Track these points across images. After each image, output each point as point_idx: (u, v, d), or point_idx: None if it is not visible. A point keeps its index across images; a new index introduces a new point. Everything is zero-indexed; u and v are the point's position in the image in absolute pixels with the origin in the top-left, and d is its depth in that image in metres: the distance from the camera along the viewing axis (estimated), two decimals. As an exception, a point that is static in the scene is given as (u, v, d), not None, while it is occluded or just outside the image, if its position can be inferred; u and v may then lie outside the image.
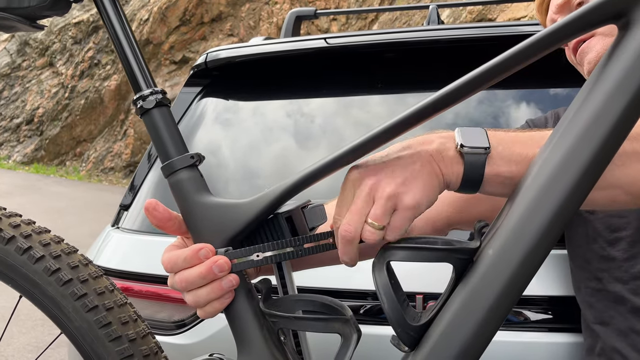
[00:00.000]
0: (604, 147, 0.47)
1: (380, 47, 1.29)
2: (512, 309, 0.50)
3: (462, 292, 0.50)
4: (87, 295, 0.61)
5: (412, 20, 6.66)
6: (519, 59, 0.50)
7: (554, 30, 0.49)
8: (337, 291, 1.00)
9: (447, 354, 0.49)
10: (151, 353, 0.63)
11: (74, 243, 0.68)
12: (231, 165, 1.34)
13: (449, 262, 0.52)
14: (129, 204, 1.29)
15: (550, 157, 0.49)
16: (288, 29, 1.96)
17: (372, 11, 2.52)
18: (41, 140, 10.91)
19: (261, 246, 0.57)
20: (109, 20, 0.63)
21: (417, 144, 0.55)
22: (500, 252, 0.49)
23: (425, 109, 0.52)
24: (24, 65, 11.61)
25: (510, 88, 1.25)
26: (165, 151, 0.61)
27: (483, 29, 1.25)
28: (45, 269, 0.62)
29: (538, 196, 0.48)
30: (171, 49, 9.68)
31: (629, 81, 0.46)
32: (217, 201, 0.59)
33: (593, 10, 0.48)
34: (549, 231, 0.48)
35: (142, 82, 0.62)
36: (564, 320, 0.97)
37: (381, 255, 0.54)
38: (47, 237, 0.65)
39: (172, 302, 1.09)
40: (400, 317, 0.51)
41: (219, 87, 1.41)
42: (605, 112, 0.47)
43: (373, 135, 0.53)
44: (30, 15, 0.66)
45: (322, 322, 0.58)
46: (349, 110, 1.36)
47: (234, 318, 0.58)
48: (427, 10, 1.94)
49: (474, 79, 0.51)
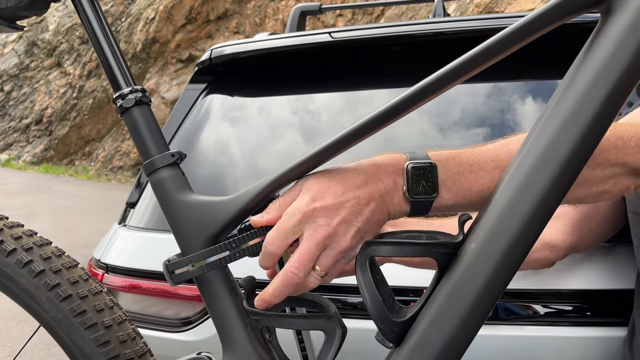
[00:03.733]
0: (587, 135, 0.46)
1: (386, 41, 1.27)
2: (495, 303, 0.49)
3: (445, 287, 0.50)
4: (60, 285, 0.61)
5: (419, 15, 6.63)
6: (505, 45, 0.49)
7: (533, 18, 0.48)
8: (329, 286, 0.99)
9: (431, 349, 0.49)
10: (128, 339, 0.63)
11: (83, 241, 0.68)
12: (237, 161, 1.33)
13: (432, 256, 0.52)
14: (136, 201, 1.29)
15: (533, 148, 0.48)
16: (293, 24, 1.96)
17: (378, 5, 2.50)
18: (50, 140, 10.99)
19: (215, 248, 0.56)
20: (87, 19, 0.62)
21: (371, 181, 0.53)
22: (483, 246, 0.48)
23: (404, 103, 0.51)
24: (32, 65, 11.68)
25: (516, 80, 1.23)
26: (146, 150, 0.61)
27: (489, 21, 1.24)
28: (18, 262, 0.62)
29: (520, 189, 0.48)
30: (177, 48, 9.70)
31: (610, 68, 0.45)
32: (198, 199, 0.58)
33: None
34: (532, 224, 0.47)
35: (122, 80, 0.62)
36: (597, 314, 0.96)
37: (364, 251, 0.53)
38: (19, 231, 0.65)
39: (179, 299, 1.09)
40: (383, 313, 0.51)
41: (224, 83, 1.40)
42: (588, 99, 0.46)
43: (354, 129, 0.53)
44: (9, 16, 0.66)
45: (305, 320, 0.57)
46: (355, 104, 1.35)
47: (218, 316, 0.58)
48: (433, 4, 1.92)
49: (457, 68, 0.50)
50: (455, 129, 1.23)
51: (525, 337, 0.96)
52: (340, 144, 0.53)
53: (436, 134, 1.24)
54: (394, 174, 0.54)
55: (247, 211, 0.57)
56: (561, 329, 0.95)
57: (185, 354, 0.68)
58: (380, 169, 0.54)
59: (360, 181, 0.53)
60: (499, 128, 1.20)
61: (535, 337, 0.96)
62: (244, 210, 0.56)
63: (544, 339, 0.95)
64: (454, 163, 0.54)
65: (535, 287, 0.96)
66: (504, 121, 1.20)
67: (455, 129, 1.23)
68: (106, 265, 1.18)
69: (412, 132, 1.24)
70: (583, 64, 0.47)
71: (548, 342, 0.95)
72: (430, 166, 0.53)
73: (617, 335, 0.91)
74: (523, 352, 0.95)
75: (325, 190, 0.53)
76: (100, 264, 1.19)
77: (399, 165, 0.54)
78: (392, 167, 0.54)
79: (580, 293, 0.96)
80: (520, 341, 0.96)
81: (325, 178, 0.54)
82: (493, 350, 0.95)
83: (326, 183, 0.53)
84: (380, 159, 0.55)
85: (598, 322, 0.95)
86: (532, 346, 0.96)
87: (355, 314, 1.00)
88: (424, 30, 1.24)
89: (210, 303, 0.58)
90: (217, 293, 0.57)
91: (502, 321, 0.96)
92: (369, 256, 0.52)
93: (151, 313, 1.11)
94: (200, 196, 0.59)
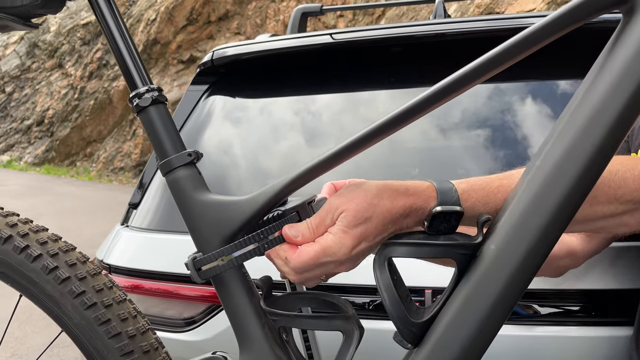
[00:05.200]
0: (609, 136, 0.45)
1: (386, 42, 1.28)
2: (516, 304, 0.49)
3: (465, 288, 0.49)
4: (86, 292, 0.61)
5: (420, 16, 6.63)
6: (523, 47, 0.48)
7: (555, 18, 0.47)
8: (343, 287, 1.00)
9: (450, 351, 0.48)
10: (151, 349, 0.63)
11: (85, 243, 0.68)
12: (239, 162, 1.34)
13: (451, 257, 0.52)
14: (138, 202, 1.29)
15: (554, 149, 0.48)
16: (294, 26, 1.96)
17: (379, 6, 2.51)
18: (52, 141, 11.00)
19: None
20: (104, 18, 0.62)
21: (399, 220, 0.54)
22: (503, 247, 0.48)
23: (423, 103, 0.51)
24: (33, 67, 11.70)
25: (518, 80, 1.24)
26: (163, 149, 0.60)
27: (490, 22, 1.24)
28: (44, 268, 0.62)
29: (540, 190, 0.47)
30: (179, 49, 9.71)
31: (633, 69, 0.45)
32: (215, 199, 0.58)
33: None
34: (553, 226, 0.47)
35: (138, 79, 0.62)
36: (603, 314, 0.96)
37: (382, 252, 0.53)
38: (44, 235, 0.65)
39: (182, 299, 1.10)
40: (402, 313, 0.51)
41: (226, 85, 1.41)
42: (610, 101, 0.45)
43: (371, 130, 0.53)
44: (24, 14, 0.66)
45: (323, 320, 0.57)
46: (356, 105, 1.35)
47: (235, 316, 0.58)
48: (434, 4, 1.92)
49: (475, 70, 0.50)
50: (456, 129, 1.24)
51: (532, 337, 0.96)
52: (354, 146, 0.53)
53: (439, 135, 1.24)
54: (421, 215, 0.54)
55: (264, 211, 0.57)
56: (568, 329, 0.95)
57: (188, 354, 0.68)
58: (411, 211, 0.54)
59: (390, 219, 0.54)
60: (501, 128, 1.20)
61: (542, 337, 0.96)
62: (261, 210, 0.56)
63: (550, 338, 0.95)
64: (479, 199, 0.55)
65: (542, 287, 0.96)
66: (506, 121, 1.20)
67: (456, 128, 1.24)
68: (109, 265, 1.18)
69: (415, 132, 1.25)
70: (605, 66, 0.47)
71: (554, 341, 0.95)
72: (457, 213, 0.53)
73: (624, 335, 0.91)
74: (530, 352, 0.95)
75: (363, 231, 0.53)
76: (104, 265, 1.20)
77: (427, 206, 0.54)
78: (421, 210, 0.54)
79: (587, 293, 0.96)
80: (527, 341, 0.96)
81: (362, 212, 0.53)
82: (499, 350, 0.95)
83: (362, 219, 0.53)
84: (413, 190, 0.55)
85: (604, 322, 0.95)
86: (538, 346, 0.96)
87: (373, 315, 1.00)
88: (425, 31, 1.25)
89: (227, 303, 0.58)
90: (235, 293, 0.57)
91: (508, 321, 0.96)
92: (387, 257, 0.52)
93: (154, 313, 1.12)
94: (217, 196, 0.59)
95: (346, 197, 0.54)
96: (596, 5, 0.47)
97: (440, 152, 1.25)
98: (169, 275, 1.10)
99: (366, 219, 0.53)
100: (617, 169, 0.53)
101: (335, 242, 0.53)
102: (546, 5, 4.95)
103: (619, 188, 0.53)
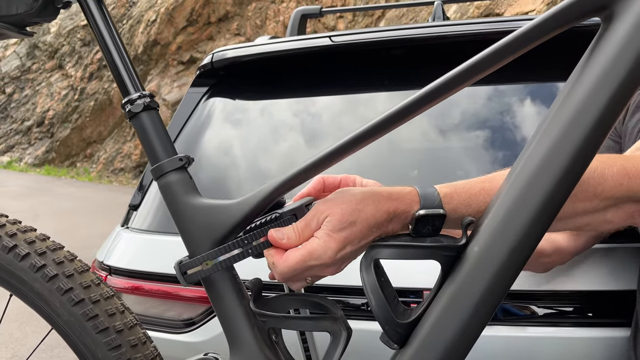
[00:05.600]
0: (589, 137, 0.46)
1: (385, 44, 1.28)
2: (499, 305, 0.50)
3: (449, 289, 0.50)
4: (73, 289, 0.62)
5: (419, 17, 6.64)
6: (511, 49, 0.49)
7: (537, 23, 0.48)
8: (334, 287, 1.00)
9: (434, 351, 0.49)
10: (139, 343, 0.64)
11: (85, 244, 0.69)
12: (239, 164, 1.34)
13: (436, 259, 0.53)
14: (138, 204, 1.30)
15: (536, 151, 0.49)
16: (294, 27, 1.97)
17: (378, 8, 2.51)
18: (52, 142, 11.01)
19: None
20: (96, 24, 0.63)
21: (384, 224, 0.55)
22: (486, 248, 0.49)
23: (411, 106, 0.52)
24: (33, 68, 11.71)
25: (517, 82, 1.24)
26: (154, 154, 0.62)
27: (490, 24, 1.25)
28: (32, 266, 0.63)
29: (522, 192, 0.48)
30: (179, 50, 9.72)
31: (611, 74, 0.46)
32: (205, 202, 0.59)
33: (575, 3, 0.47)
34: (534, 227, 0.47)
35: (130, 86, 0.63)
36: (600, 315, 0.96)
37: (368, 254, 0.54)
38: (32, 235, 0.66)
39: (181, 300, 1.10)
40: (387, 314, 0.52)
41: (226, 87, 1.41)
42: (590, 104, 0.46)
43: (360, 133, 0.54)
44: (19, 22, 0.67)
45: (311, 321, 0.59)
46: (356, 107, 1.36)
47: (225, 318, 0.58)
48: (433, 6, 1.93)
49: (465, 72, 0.50)
50: (455, 130, 1.24)
51: (528, 338, 0.96)
52: (346, 147, 0.54)
53: (439, 136, 1.25)
54: (404, 219, 0.55)
55: (254, 214, 0.58)
56: (564, 330, 0.96)
57: (188, 355, 0.69)
58: (395, 215, 0.55)
59: (375, 223, 0.55)
60: (500, 129, 1.21)
61: (539, 338, 0.96)
62: (251, 213, 0.57)
63: (548, 339, 0.96)
64: (462, 202, 0.56)
65: (537, 288, 0.96)
66: (505, 123, 1.21)
67: (455, 129, 1.24)
68: (109, 267, 1.19)
69: (414, 133, 1.25)
70: (584, 70, 0.48)
71: (552, 342, 0.96)
72: (440, 216, 0.54)
73: (621, 336, 0.91)
74: (527, 353, 0.96)
75: (348, 235, 0.54)
76: (104, 266, 1.20)
77: (411, 210, 0.55)
78: (404, 214, 0.55)
79: (583, 294, 0.96)
80: (523, 342, 0.96)
81: (347, 216, 0.54)
82: (495, 351, 0.95)
83: (347, 223, 0.54)
84: (396, 196, 0.56)
85: (602, 323, 0.95)
86: (534, 347, 0.96)
87: (360, 316, 1.00)
88: (424, 34, 1.25)
89: (217, 304, 0.59)
90: (225, 295, 0.58)
91: (504, 322, 0.97)
92: (373, 259, 0.53)
93: (154, 314, 1.12)
94: (207, 199, 0.60)
95: (332, 202, 0.55)
96: (576, 12, 0.48)
97: (440, 154, 1.26)
98: (169, 277, 1.10)
99: (351, 223, 0.54)
100: (595, 166, 0.54)
101: (320, 246, 0.54)
102: (545, 7, 4.96)
103: (599, 185, 0.54)
